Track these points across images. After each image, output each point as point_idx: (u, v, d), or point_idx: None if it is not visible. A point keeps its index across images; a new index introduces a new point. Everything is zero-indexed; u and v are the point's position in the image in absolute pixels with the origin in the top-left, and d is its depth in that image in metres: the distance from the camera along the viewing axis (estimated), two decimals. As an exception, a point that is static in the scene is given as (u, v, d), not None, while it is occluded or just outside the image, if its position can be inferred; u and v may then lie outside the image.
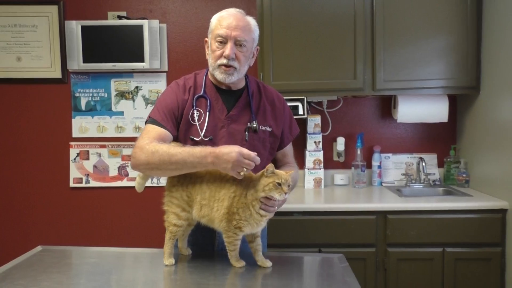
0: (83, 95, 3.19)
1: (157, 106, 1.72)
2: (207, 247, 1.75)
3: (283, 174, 1.48)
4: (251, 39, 1.70)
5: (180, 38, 3.17)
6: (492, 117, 2.60)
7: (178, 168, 1.54)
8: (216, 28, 1.67)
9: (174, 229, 1.58)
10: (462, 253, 2.45)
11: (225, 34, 1.65)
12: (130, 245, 3.03)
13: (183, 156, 1.51)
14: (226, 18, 1.67)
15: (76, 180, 3.22)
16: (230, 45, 1.65)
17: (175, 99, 1.71)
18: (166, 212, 1.60)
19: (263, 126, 1.76)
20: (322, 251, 2.43)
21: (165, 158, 1.53)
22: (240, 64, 1.68)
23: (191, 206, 1.56)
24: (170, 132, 1.67)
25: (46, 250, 1.76)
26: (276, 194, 1.45)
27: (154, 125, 1.67)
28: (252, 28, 1.71)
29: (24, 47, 3.16)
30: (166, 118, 1.67)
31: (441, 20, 2.70)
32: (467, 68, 2.70)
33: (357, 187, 2.96)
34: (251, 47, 1.72)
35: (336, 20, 2.72)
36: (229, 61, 1.65)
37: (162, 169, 1.55)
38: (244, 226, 1.49)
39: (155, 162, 1.54)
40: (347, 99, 3.10)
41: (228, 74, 1.67)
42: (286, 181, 1.46)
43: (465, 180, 2.87)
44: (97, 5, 3.14)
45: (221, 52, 1.66)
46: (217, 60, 1.67)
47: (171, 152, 1.53)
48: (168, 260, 1.58)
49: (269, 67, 2.73)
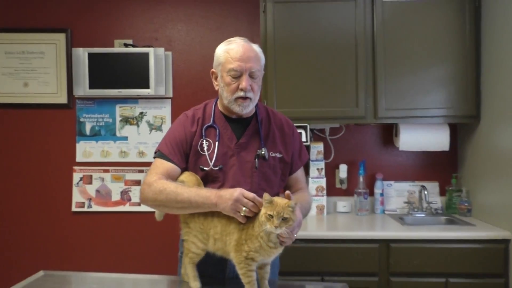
0: (88, 120, 3.23)
1: (165, 139, 1.75)
2: (218, 275, 1.73)
3: (280, 204, 1.42)
4: (261, 67, 1.74)
5: (185, 66, 3.23)
6: (493, 145, 2.62)
7: (184, 207, 1.56)
8: (228, 61, 1.68)
9: (192, 256, 1.60)
10: (466, 284, 2.41)
11: (239, 67, 1.66)
12: (131, 270, 3.00)
13: (189, 195, 1.54)
14: (236, 50, 1.68)
15: (79, 204, 3.22)
16: (245, 78, 1.66)
17: (183, 132, 1.73)
18: (186, 241, 1.62)
19: (273, 152, 1.76)
20: (325, 279, 2.41)
21: (171, 197, 1.56)
22: (255, 94, 1.70)
23: (206, 239, 1.57)
24: (177, 165, 1.69)
25: (48, 275, 1.76)
26: (269, 227, 1.40)
27: (162, 159, 1.69)
28: (260, 56, 1.74)
29: (31, 73, 3.21)
30: (173, 152, 1.70)
31: (440, 50, 2.75)
32: (467, 97, 2.74)
33: (360, 214, 2.95)
34: (261, 75, 1.75)
35: (338, 49, 2.77)
36: (246, 93, 1.67)
37: (169, 207, 1.59)
38: (256, 258, 1.46)
39: (162, 200, 1.58)
40: (349, 127, 3.13)
41: (244, 106, 1.69)
42: (278, 213, 1.39)
43: (467, 209, 2.86)
44: (104, 33, 3.22)
45: (236, 85, 1.67)
46: (233, 93, 1.68)
47: (178, 191, 1.55)
48: (194, 283, 1.58)
49: (272, 94, 2.77)
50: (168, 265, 2.92)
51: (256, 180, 1.71)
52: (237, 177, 1.69)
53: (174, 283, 1.74)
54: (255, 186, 1.70)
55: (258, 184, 1.71)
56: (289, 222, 1.42)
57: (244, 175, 1.70)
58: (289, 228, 1.42)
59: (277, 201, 1.43)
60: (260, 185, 1.71)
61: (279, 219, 1.39)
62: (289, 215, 1.41)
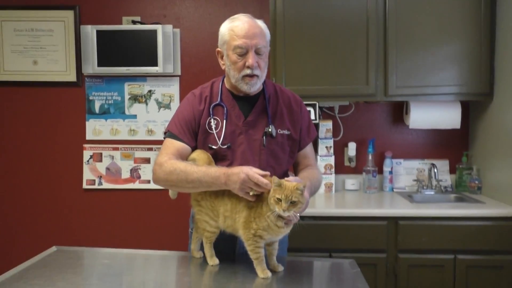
0: (97, 99, 3.24)
1: (174, 118, 1.75)
2: (228, 252, 1.75)
3: (289, 187, 1.40)
4: (267, 43, 1.71)
5: (193, 43, 3.20)
6: (505, 124, 2.58)
7: (195, 186, 1.57)
8: (232, 39, 1.66)
9: (208, 235, 1.62)
10: (474, 261, 2.43)
11: (245, 44, 1.64)
12: (141, 246, 3.04)
13: (199, 175, 1.54)
14: (241, 27, 1.65)
15: (89, 182, 3.26)
16: (252, 55, 1.64)
17: (191, 111, 1.73)
18: (198, 220, 1.64)
19: (281, 130, 1.75)
20: (333, 256, 2.43)
21: (182, 177, 1.57)
22: (261, 71, 1.69)
23: (217, 216, 1.59)
24: (188, 144, 1.70)
25: (61, 251, 1.79)
26: (277, 210, 1.40)
27: (172, 139, 1.70)
28: (265, 32, 1.71)
29: (40, 51, 3.21)
30: (183, 131, 1.70)
31: (454, 26, 2.69)
32: (480, 74, 2.69)
33: (368, 192, 2.95)
34: (267, 51, 1.73)
35: (348, 26, 2.72)
36: (253, 70, 1.65)
37: (180, 187, 1.61)
38: (264, 236, 1.47)
39: (173, 180, 1.60)
40: (359, 105, 3.11)
41: (252, 84, 1.68)
42: (287, 197, 1.38)
43: (477, 187, 2.85)
44: (112, 10, 3.19)
45: (243, 63, 1.65)
46: (240, 71, 1.66)
47: (188, 171, 1.56)
48: (212, 260, 1.62)
49: (281, 72, 2.74)
50: (178, 241, 2.97)
51: (264, 157, 1.71)
52: (246, 155, 1.69)
53: (184, 258, 1.76)
54: (264, 163, 1.70)
55: (267, 161, 1.71)
56: (297, 205, 1.41)
57: (252, 153, 1.70)
58: (297, 211, 1.42)
59: (286, 184, 1.41)
60: (268, 163, 1.71)
61: (288, 203, 1.38)
62: (297, 198, 1.40)
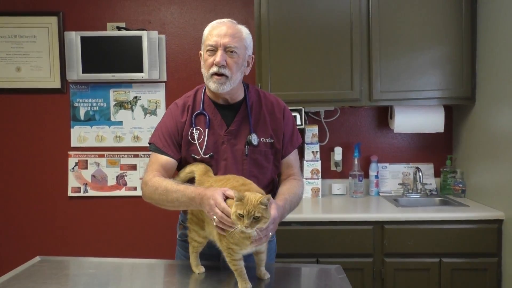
0: (82, 105, 3.21)
1: (157, 130, 1.74)
2: (213, 259, 1.69)
3: (251, 201, 1.29)
4: (243, 46, 1.68)
5: (179, 49, 3.20)
6: (487, 127, 2.63)
7: (175, 206, 1.58)
8: (207, 39, 1.67)
9: (195, 244, 1.61)
10: (459, 264, 2.46)
11: (215, 42, 1.63)
12: (128, 254, 3.03)
13: (177, 196, 1.54)
14: (216, 27, 1.66)
15: (74, 189, 3.22)
16: (220, 53, 1.63)
17: (173, 123, 1.72)
18: (189, 229, 1.63)
19: (264, 138, 1.72)
20: (320, 261, 2.44)
21: (163, 197, 1.58)
22: (231, 72, 1.64)
23: (203, 227, 1.58)
24: (172, 157, 1.69)
25: (45, 261, 1.76)
26: (239, 226, 1.30)
27: (157, 153, 1.70)
28: (244, 36, 1.69)
29: (23, 58, 3.18)
30: (167, 144, 1.70)
31: (436, 31, 2.73)
32: (462, 78, 2.73)
33: (355, 197, 2.97)
34: (243, 54, 1.69)
35: (333, 31, 2.75)
36: (219, 68, 1.62)
37: (164, 205, 1.61)
38: (235, 249, 1.41)
39: (156, 199, 1.61)
40: (344, 109, 3.13)
41: (220, 83, 1.64)
42: (249, 212, 1.27)
43: (461, 190, 2.88)
44: (96, 16, 3.17)
45: (212, 60, 1.64)
46: (209, 69, 1.65)
47: (169, 190, 1.56)
48: (197, 268, 1.61)
49: (267, 77, 2.75)
50: (165, 249, 2.95)
51: (247, 167, 1.69)
52: (229, 165, 1.68)
53: (171, 267, 1.75)
54: (247, 173, 1.68)
55: (250, 171, 1.69)
56: (261, 221, 1.30)
57: (235, 163, 1.69)
58: (261, 227, 1.32)
59: (249, 198, 1.31)
60: (251, 172, 1.69)
61: (250, 219, 1.28)
62: (261, 213, 1.29)
